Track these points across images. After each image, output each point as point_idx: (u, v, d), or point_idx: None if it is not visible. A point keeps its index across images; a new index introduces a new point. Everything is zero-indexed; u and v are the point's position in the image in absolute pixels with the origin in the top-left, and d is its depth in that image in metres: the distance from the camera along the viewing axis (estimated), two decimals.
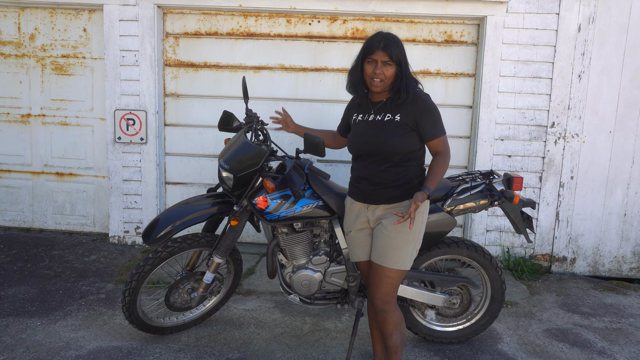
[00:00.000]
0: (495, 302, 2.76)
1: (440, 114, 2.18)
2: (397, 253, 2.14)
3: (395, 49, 2.08)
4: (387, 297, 2.19)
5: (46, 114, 4.28)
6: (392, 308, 2.22)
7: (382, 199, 2.19)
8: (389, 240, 2.15)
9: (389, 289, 2.19)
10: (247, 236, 4.31)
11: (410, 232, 2.14)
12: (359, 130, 2.24)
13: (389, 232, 2.15)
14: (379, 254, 2.18)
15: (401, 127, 2.12)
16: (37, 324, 2.85)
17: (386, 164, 2.16)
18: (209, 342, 2.73)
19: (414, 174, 2.20)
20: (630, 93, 3.83)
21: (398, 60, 2.08)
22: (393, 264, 2.15)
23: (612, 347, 2.89)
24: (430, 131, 2.14)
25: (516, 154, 3.94)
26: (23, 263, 3.68)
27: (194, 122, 4.20)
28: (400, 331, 2.25)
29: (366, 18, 4.01)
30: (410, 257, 2.19)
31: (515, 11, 3.79)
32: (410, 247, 2.17)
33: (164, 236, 2.48)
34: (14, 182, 4.39)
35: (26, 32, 4.20)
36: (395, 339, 2.24)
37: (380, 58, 2.08)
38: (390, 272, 2.16)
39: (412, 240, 2.16)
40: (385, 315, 2.21)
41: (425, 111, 2.12)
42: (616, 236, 4.00)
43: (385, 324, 2.23)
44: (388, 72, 2.09)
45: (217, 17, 4.08)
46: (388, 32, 2.15)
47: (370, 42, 2.12)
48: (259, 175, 2.51)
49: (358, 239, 2.30)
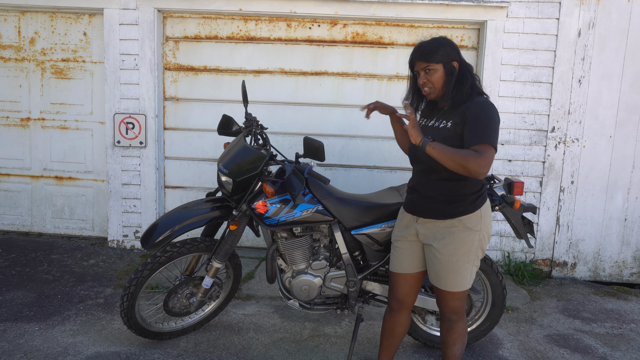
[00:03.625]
0: (496, 307, 2.74)
1: (496, 124, 1.92)
2: (455, 277, 2.06)
3: (434, 53, 1.99)
4: (457, 309, 2.15)
5: (46, 117, 4.27)
6: (460, 317, 2.18)
7: (430, 213, 2.07)
8: (444, 265, 2.05)
9: (456, 304, 2.14)
10: (246, 240, 4.30)
11: (465, 254, 2.03)
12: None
13: (442, 255, 2.04)
14: (437, 278, 2.10)
15: (451, 136, 1.97)
16: (35, 329, 2.83)
17: (436, 175, 2.04)
18: (207, 348, 2.71)
19: (470, 190, 2.03)
20: (631, 98, 3.82)
21: (442, 60, 1.99)
22: (453, 287, 2.07)
23: (614, 353, 2.87)
24: (469, 136, 1.90)
25: (516, 158, 3.93)
26: (21, 267, 3.66)
27: (193, 126, 4.20)
28: (463, 342, 2.21)
29: (366, 22, 4.01)
30: (470, 277, 2.08)
31: (515, 16, 3.79)
32: (468, 268, 2.06)
33: (162, 241, 2.47)
34: (13, 186, 4.38)
35: (26, 36, 4.20)
36: (457, 349, 2.20)
37: (420, 67, 2.04)
38: (454, 293, 2.10)
39: (468, 261, 2.05)
40: (453, 324, 2.18)
41: (474, 116, 1.92)
42: (617, 241, 3.99)
43: (451, 332, 2.19)
44: (433, 77, 2.01)
45: (217, 21, 4.08)
46: (427, 40, 2.05)
47: (411, 57, 2.07)
48: (258, 179, 2.50)
49: (404, 251, 2.19)
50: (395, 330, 2.30)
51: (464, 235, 2.03)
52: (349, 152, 4.14)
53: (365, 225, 2.54)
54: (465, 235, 2.04)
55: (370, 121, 4.10)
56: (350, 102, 4.10)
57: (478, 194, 2.06)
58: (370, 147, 4.13)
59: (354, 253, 2.60)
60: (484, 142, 1.87)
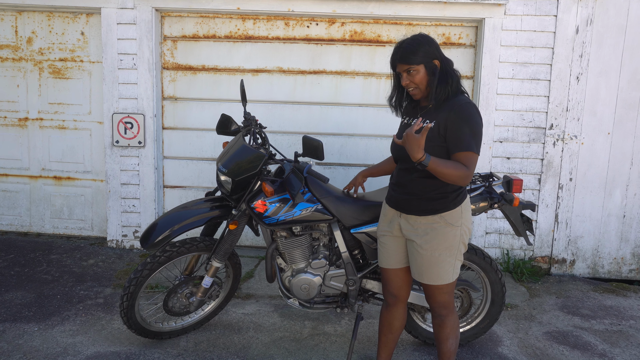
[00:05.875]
0: (496, 305, 2.75)
1: (479, 128, 1.95)
2: (437, 270, 2.07)
3: (414, 55, 1.98)
4: (445, 303, 2.16)
5: (44, 117, 4.26)
6: (450, 312, 2.18)
7: (413, 209, 2.09)
8: (426, 260, 2.07)
9: (444, 298, 2.15)
10: (245, 239, 4.30)
11: (447, 249, 2.06)
12: (399, 133, 2.19)
13: (424, 251, 2.06)
14: (419, 273, 2.12)
15: (434, 137, 1.98)
16: (34, 329, 2.83)
17: (418, 173, 2.05)
18: (207, 347, 2.72)
19: (451, 188, 2.05)
20: (629, 94, 3.83)
21: (422, 61, 1.99)
22: (436, 281, 2.09)
23: (613, 349, 2.88)
24: (454, 142, 1.94)
25: (515, 156, 3.94)
26: (20, 268, 3.66)
27: (192, 126, 4.19)
28: (456, 336, 2.21)
29: (364, 20, 4.01)
30: (453, 269, 2.10)
31: (513, 13, 3.79)
32: (450, 261, 2.08)
33: (162, 240, 2.47)
34: (12, 186, 4.37)
35: (23, 36, 4.18)
36: (450, 344, 2.20)
37: (402, 69, 2.04)
38: (440, 287, 2.11)
39: (451, 256, 2.08)
40: (444, 319, 2.19)
41: (457, 121, 1.93)
42: (615, 238, 3.99)
43: (442, 328, 2.19)
44: (415, 78, 2.01)
45: (215, 20, 4.07)
46: (407, 39, 2.04)
47: (392, 58, 2.07)
48: (257, 178, 2.50)
49: (390, 246, 2.22)
50: (392, 325, 2.31)
51: (446, 231, 2.06)
52: (348, 150, 4.15)
53: (364, 224, 2.54)
54: (447, 231, 2.06)
55: (368, 119, 4.10)
56: (349, 100, 4.10)
57: (459, 192, 2.09)
58: (369, 146, 4.13)
59: (354, 252, 2.60)
60: (468, 149, 1.91)
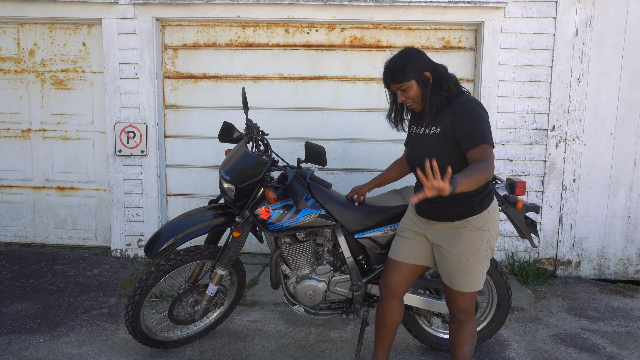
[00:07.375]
0: (502, 308, 2.73)
1: (486, 120, 1.94)
2: (466, 277, 2.07)
3: (403, 74, 2.00)
4: (466, 309, 2.16)
5: (46, 128, 4.28)
6: (470, 317, 2.18)
7: (439, 216, 2.09)
8: (454, 265, 2.07)
9: (467, 304, 2.14)
10: (249, 246, 4.29)
11: (475, 254, 2.05)
12: (411, 143, 2.20)
13: (452, 256, 2.06)
14: (449, 278, 2.11)
15: (442, 142, 1.99)
16: (39, 340, 2.82)
17: None
18: (213, 355, 2.71)
19: (475, 192, 2.03)
20: (630, 95, 3.83)
21: (413, 76, 2.01)
22: (465, 287, 2.09)
23: (622, 351, 2.86)
24: (465, 141, 1.92)
25: (517, 158, 3.93)
26: (25, 279, 3.66)
27: (194, 134, 4.20)
28: (472, 343, 2.20)
29: (364, 26, 4.02)
30: (482, 277, 2.09)
31: (512, 16, 3.80)
32: (479, 268, 2.07)
33: (166, 249, 2.46)
34: (15, 198, 4.38)
35: (25, 48, 4.21)
36: (466, 350, 2.19)
37: (395, 88, 2.06)
38: (465, 294, 2.11)
39: (478, 261, 2.07)
40: (463, 325, 2.18)
41: (463, 119, 1.93)
42: (621, 238, 3.98)
43: (460, 333, 2.19)
44: (410, 94, 2.04)
45: (216, 28, 4.09)
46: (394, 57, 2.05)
47: (384, 78, 2.09)
48: (260, 185, 2.50)
49: (409, 241, 2.22)
50: (385, 319, 2.30)
51: (472, 235, 2.05)
52: (350, 155, 4.15)
53: (368, 229, 2.53)
54: (473, 235, 2.05)
55: (370, 124, 4.11)
56: (350, 106, 4.11)
57: (484, 194, 2.07)
58: (371, 150, 4.13)
59: (358, 257, 2.59)
60: (481, 142, 1.89)
